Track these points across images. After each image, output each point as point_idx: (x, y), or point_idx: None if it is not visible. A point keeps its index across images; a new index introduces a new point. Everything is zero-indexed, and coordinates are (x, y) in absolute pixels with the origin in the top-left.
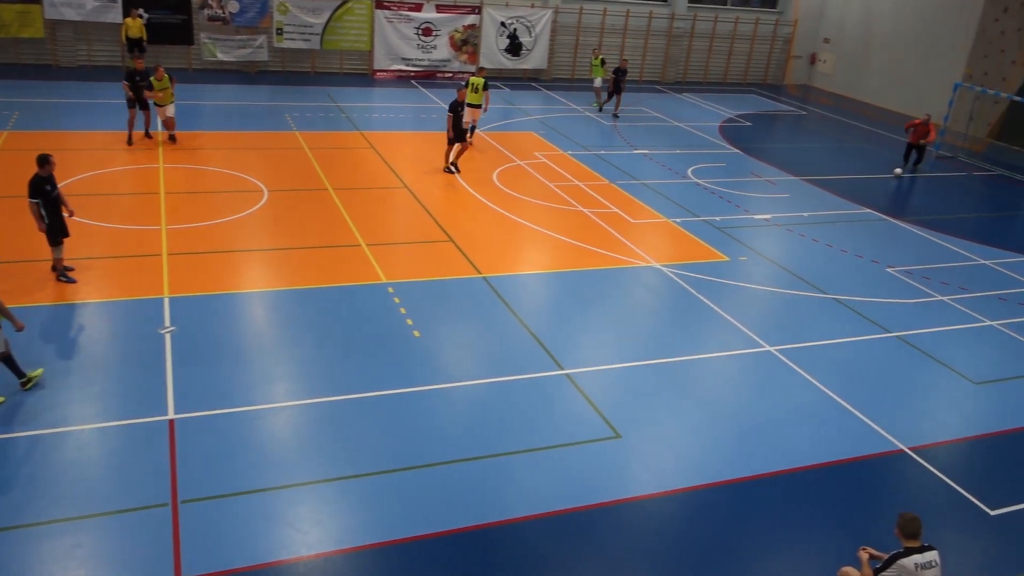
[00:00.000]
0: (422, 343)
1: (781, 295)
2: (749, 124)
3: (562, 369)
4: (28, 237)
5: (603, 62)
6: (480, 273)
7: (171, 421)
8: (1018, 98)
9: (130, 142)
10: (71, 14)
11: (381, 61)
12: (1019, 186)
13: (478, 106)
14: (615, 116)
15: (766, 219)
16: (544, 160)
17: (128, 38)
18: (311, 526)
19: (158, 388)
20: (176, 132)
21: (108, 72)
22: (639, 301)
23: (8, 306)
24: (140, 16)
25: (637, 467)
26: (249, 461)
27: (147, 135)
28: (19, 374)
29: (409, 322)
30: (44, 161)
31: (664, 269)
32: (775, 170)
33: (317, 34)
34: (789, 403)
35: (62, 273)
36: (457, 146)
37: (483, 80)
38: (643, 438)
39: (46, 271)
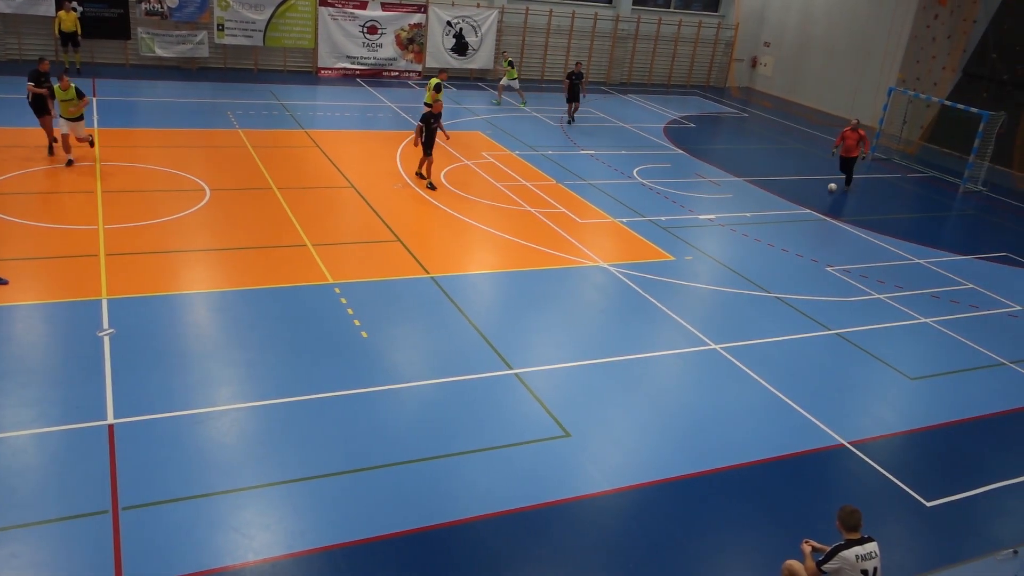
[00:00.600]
0: (371, 344)
1: (725, 294)
2: (693, 126)
3: (511, 369)
4: None
5: (512, 64)
6: (428, 273)
7: (111, 426)
8: (948, 102)
9: (51, 152)
10: (1, 6)
11: (326, 59)
12: (950, 188)
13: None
14: (571, 121)
15: (710, 219)
16: (491, 160)
17: (62, 32)
18: (258, 530)
19: (97, 392)
20: (115, 128)
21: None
22: (587, 300)
23: None
24: (74, 9)
25: (587, 465)
26: (193, 466)
27: (49, 150)
28: None
29: (357, 323)
30: None
31: (611, 268)
32: (718, 171)
33: (260, 31)
34: (733, 400)
35: None
36: (427, 160)
37: (437, 82)
38: (592, 436)
39: None
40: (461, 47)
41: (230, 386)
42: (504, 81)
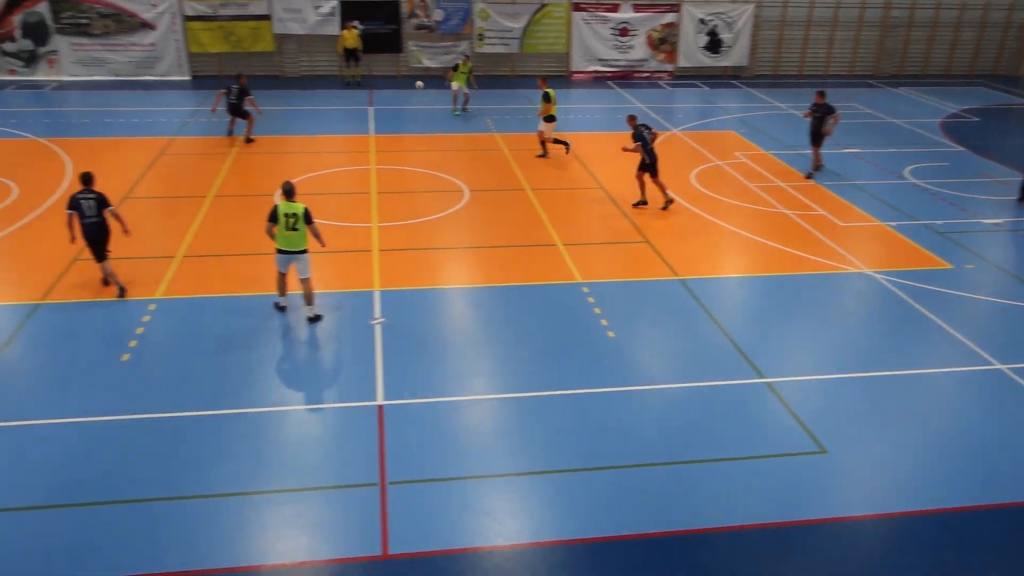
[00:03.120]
0: (616, 344)
1: (1014, 308)
2: (976, 119)
3: (763, 377)
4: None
5: (463, 69)
6: (677, 275)
7: (380, 407)
8: None
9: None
10: (296, 28)
11: (578, 62)
12: None
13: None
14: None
15: (997, 223)
16: (744, 160)
17: (345, 48)
18: (507, 516)
19: (368, 375)
20: (387, 135)
21: (326, 80)
22: (848, 309)
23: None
24: (355, 28)
25: (845, 485)
26: (450, 449)
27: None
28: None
29: (604, 322)
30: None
31: (876, 276)
32: (1008, 170)
33: (516, 38)
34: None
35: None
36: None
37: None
38: (852, 455)
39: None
40: (714, 44)
41: (485, 377)
42: (454, 87)
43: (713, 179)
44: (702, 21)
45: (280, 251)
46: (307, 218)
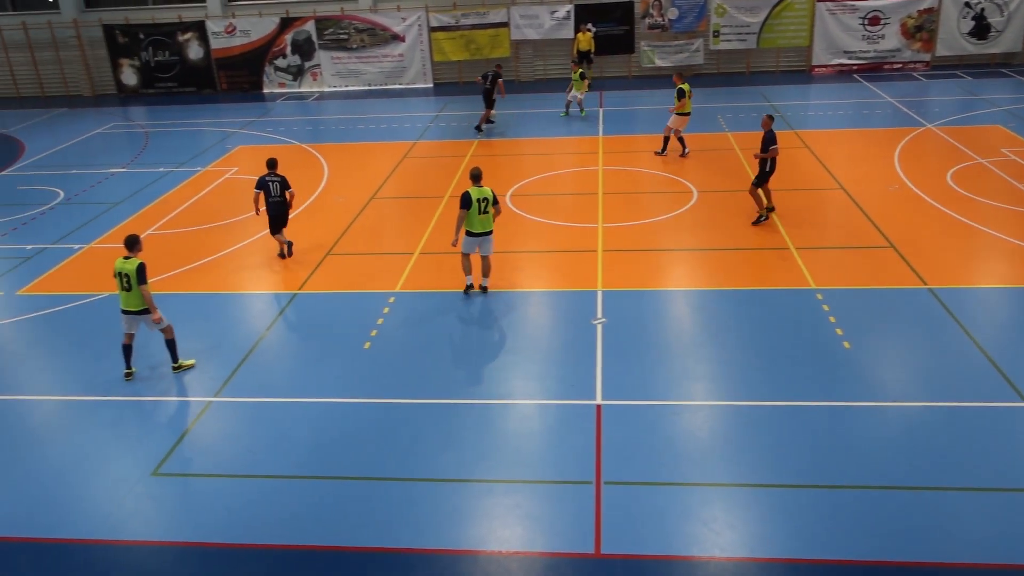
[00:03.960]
0: (852, 355)
1: None
2: None
3: None
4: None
5: (582, 75)
6: (925, 284)
7: (598, 406)
8: None
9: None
10: (532, 34)
11: (820, 56)
12: None
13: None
14: None
15: None
16: (1014, 158)
17: (579, 51)
18: (724, 528)
19: (588, 374)
20: (616, 136)
21: (560, 83)
22: None
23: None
24: (589, 30)
25: None
26: (667, 453)
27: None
28: (174, 358)
29: (839, 331)
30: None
31: None
32: None
33: (754, 33)
34: None
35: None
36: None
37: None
38: None
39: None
40: (981, 30)
41: (705, 382)
42: (575, 95)
43: (974, 179)
44: (967, 5)
45: (471, 233)
46: (495, 200)
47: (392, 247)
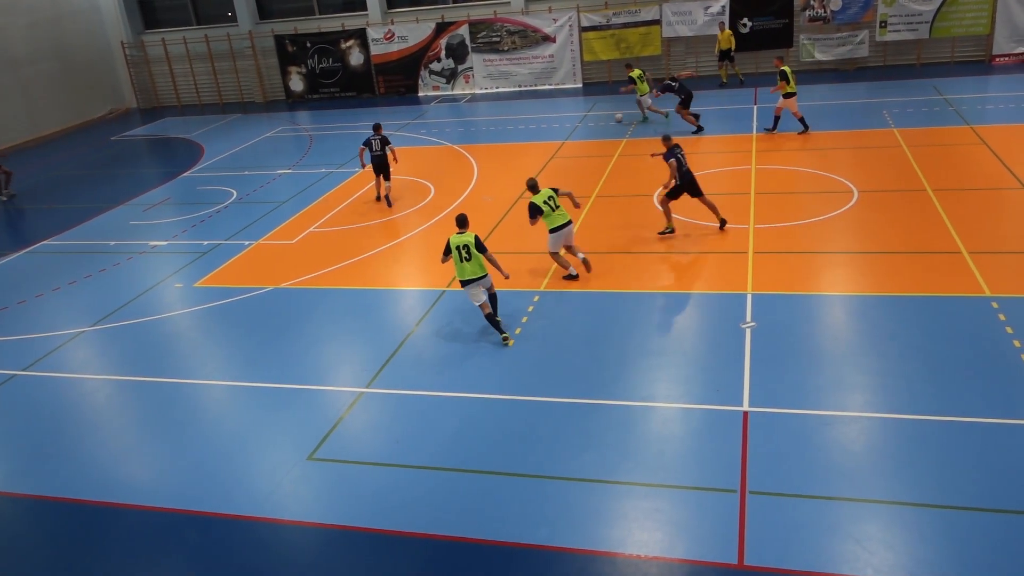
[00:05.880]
0: None
1: None
2: None
3: None
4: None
5: (642, 76)
6: None
7: (745, 413)
8: None
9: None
10: (684, 30)
11: (1003, 45)
12: None
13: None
14: None
15: None
16: None
17: (720, 50)
18: (880, 547)
19: (735, 379)
20: (768, 134)
21: (711, 80)
22: None
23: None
24: (746, 23)
25: None
26: (818, 466)
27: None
28: (500, 331)
29: (1016, 343)
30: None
31: None
32: None
33: (926, 22)
34: None
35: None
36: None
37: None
38: None
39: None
40: None
41: (862, 393)
42: (647, 100)
43: None
44: None
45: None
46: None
47: (537, 246)
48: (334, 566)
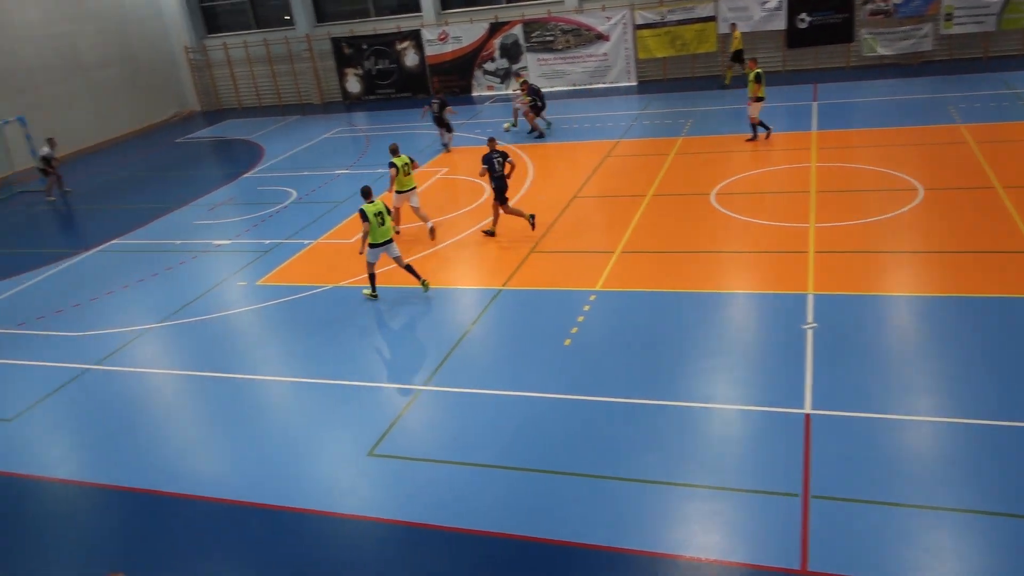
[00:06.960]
0: None
1: None
2: None
3: None
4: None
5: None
6: None
7: (807, 415)
8: None
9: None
10: (741, 26)
11: None
12: None
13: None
14: None
15: None
16: None
17: (733, 50)
18: (950, 557)
19: (796, 381)
20: (832, 131)
21: (770, 77)
22: None
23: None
24: (804, 18)
25: None
26: (883, 471)
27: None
28: (419, 276)
29: None
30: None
31: None
32: None
33: (993, 14)
34: None
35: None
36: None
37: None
38: None
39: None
40: None
41: (930, 396)
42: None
43: None
44: None
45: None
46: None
47: (594, 245)
48: (392, 561)
